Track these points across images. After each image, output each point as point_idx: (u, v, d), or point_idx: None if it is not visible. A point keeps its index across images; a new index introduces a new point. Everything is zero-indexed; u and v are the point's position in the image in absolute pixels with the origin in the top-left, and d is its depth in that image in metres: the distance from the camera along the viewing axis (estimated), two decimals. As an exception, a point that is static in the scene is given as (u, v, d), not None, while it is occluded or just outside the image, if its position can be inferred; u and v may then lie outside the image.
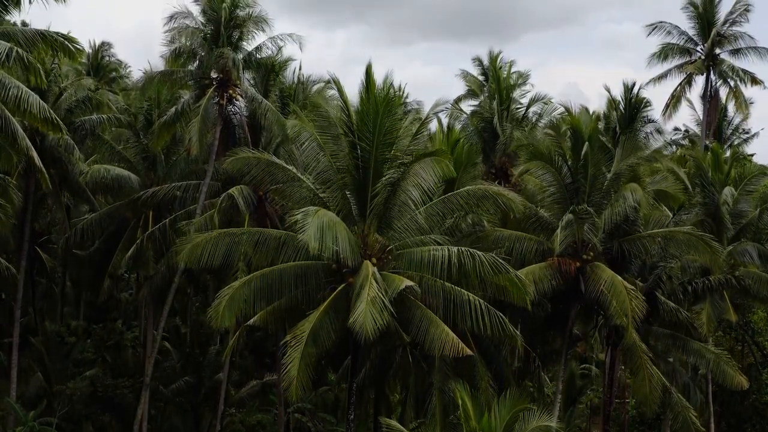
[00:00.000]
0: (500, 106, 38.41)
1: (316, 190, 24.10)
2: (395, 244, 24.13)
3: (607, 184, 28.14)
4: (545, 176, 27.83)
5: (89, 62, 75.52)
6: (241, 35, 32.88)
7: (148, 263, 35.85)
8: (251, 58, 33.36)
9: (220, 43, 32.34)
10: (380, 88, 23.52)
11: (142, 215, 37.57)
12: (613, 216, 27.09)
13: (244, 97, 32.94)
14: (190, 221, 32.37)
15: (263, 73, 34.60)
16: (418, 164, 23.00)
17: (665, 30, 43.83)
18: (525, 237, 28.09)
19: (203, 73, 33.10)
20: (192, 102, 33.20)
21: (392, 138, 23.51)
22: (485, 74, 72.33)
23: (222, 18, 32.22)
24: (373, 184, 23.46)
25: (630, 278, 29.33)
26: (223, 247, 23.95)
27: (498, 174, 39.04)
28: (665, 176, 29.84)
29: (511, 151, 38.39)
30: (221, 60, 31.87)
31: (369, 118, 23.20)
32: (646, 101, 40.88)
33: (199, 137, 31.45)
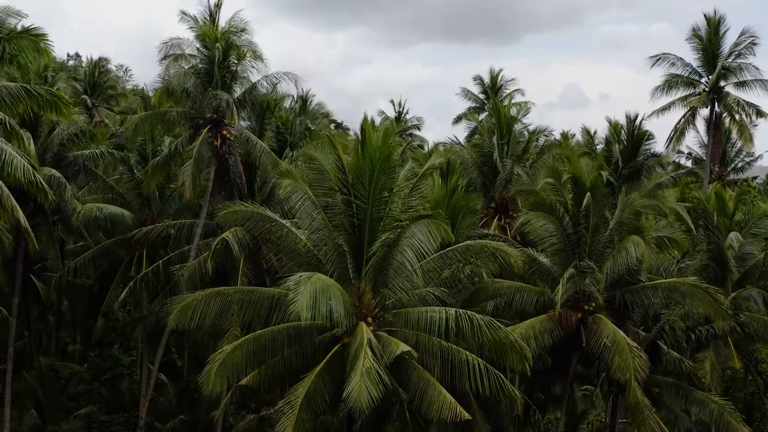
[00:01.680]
0: (500, 140, 37.67)
1: (311, 247, 23.53)
2: (391, 301, 23.59)
3: (609, 233, 27.51)
4: (546, 226, 27.20)
5: (86, 79, 75.23)
6: (235, 75, 32.21)
7: (142, 304, 35.23)
8: (246, 97, 32.70)
9: (214, 83, 31.68)
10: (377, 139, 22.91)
11: (136, 252, 36.96)
12: (615, 269, 26.50)
13: (238, 137, 32.25)
14: (184, 265, 31.77)
15: (258, 111, 33.96)
16: (414, 226, 22.37)
17: (669, 61, 43.07)
18: (525, 288, 27.50)
19: (197, 112, 32.46)
20: (185, 142, 32.57)
21: (388, 196, 22.92)
22: (486, 92, 72.07)
23: (216, 58, 31.56)
24: (368, 242, 22.94)
25: (632, 328, 28.77)
26: (214, 307, 23.36)
27: (498, 209, 38.35)
28: (669, 223, 29.15)
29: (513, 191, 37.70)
30: (215, 101, 31.23)
31: (365, 176, 22.60)
32: (648, 134, 40.39)
33: (192, 181, 30.82)
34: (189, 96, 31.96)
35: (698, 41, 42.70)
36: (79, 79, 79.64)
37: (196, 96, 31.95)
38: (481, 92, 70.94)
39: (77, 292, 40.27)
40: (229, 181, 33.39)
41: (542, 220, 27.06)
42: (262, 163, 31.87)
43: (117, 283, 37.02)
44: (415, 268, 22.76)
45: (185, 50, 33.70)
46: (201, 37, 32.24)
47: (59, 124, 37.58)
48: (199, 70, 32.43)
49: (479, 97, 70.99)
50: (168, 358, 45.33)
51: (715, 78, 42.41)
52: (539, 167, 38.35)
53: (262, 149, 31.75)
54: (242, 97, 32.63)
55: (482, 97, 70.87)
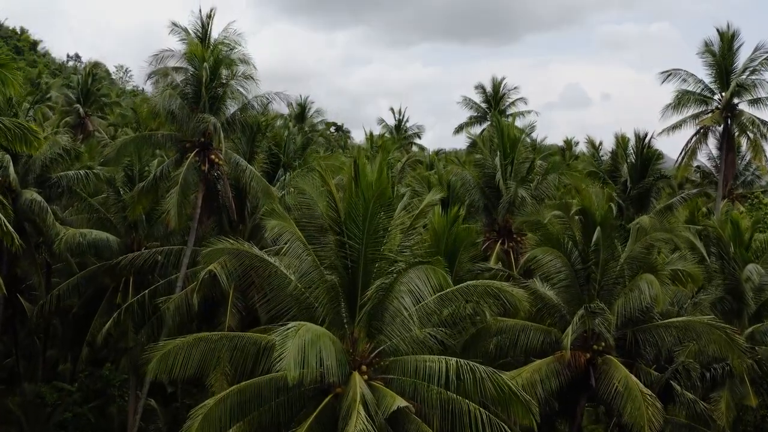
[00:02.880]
0: (504, 160, 35.98)
1: (303, 289, 21.87)
2: (387, 345, 21.94)
3: (620, 267, 25.86)
4: (554, 263, 25.54)
5: (79, 88, 73.73)
6: (223, 96, 30.50)
7: (127, 335, 33.58)
8: (235, 119, 31.00)
9: (201, 105, 30.00)
10: (371, 174, 21.22)
11: (122, 279, 35.32)
12: (627, 307, 24.85)
13: (227, 162, 30.57)
14: (170, 297, 30.12)
15: (249, 134, 32.29)
16: (412, 271, 20.69)
17: (680, 77, 41.18)
18: (531, 327, 25.83)
19: (184, 135, 30.80)
20: (172, 166, 30.91)
21: (384, 235, 21.26)
22: (488, 101, 70.41)
23: (203, 79, 29.87)
24: (363, 285, 21.33)
25: (644, 367, 27.13)
26: (197, 354, 21.66)
27: (501, 232, 36.69)
28: (682, 255, 27.45)
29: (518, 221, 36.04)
30: (202, 124, 29.56)
31: (358, 214, 20.96)
32: (658, 154, 38.69)
33: (177, 210, 29.17)
34: (175, 118, 30.28)
35: (711, 56, 40.66)
36: (72, 86, 78.38)
37: (182, 118, 30.28)
38: (483, 101, 69.32)
39: (64, 316, 38.60)
40: (218, 206, 31.76)
41: (550, 256, 25.40)
42: (252, 188, 30.19)
43: (102, 311, 35.43)
44: (411, 314, 21.06)
45: (176, 64, 32.13)
46: (188, 56, 30.53)
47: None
48: (186, 90, 30.75)
49: (481, 106, 69.37)
50: (159, 382, 43.77)
51: (729, 95, 40.52)
52: (545, 188, 36.68)
53: (251, 174, 30.07)
54: (231, 119, 30.94)
55: (484, 106, 69.25)
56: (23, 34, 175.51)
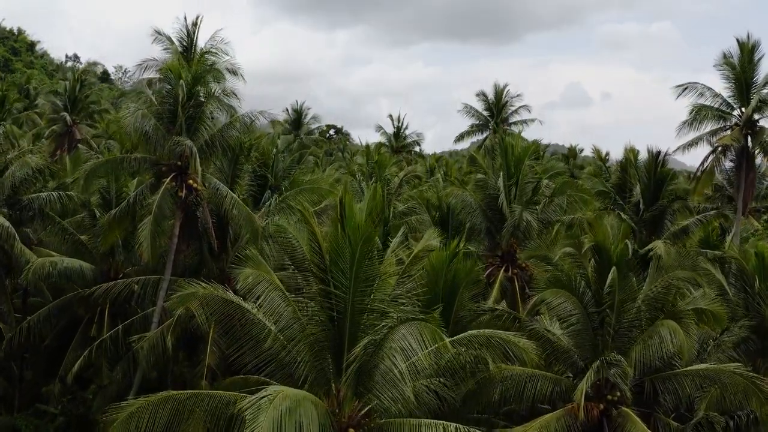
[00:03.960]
0: (508, 181, 33.49)
1: (285, 342, 19.39)
2: (376, 403, 19.46)
3: (636, 310, 23.37)
4: (565, 305, 23.03)
5: (66, 94, 71.23)
6: (202, 116, 27.97)
7: (101, 372, 31.11)
8: (215, 140, 28.44)
9: (178, 125, 27.50)
10: (360, 215, 18.73)
11: (98, 309, 32.85)
12: (646, 356, 22.38)
13: (207, 187, 28.07)
14: (144, 336, 27.65)
15: (231, 156, 29.78)
16: (404, 327, 18.19)
17: (697, 91, 38.51)
18: (538, 375, 23.31)
19: (159, 158, 28.31)
20: (147, 191, 28.42)
21: (373, 285, 18.79)
22: (490, 109, 67.93)
23: (180, 97, 27.37)
24: (350, 338, 18.87)
25: (663, 417, 24.62)
26: (164, 415, 19.19)
27: (504, 258, 34.22)
28: (705, 293, 24.95)
29: (521, 234, 33.62)
30: (177, 148, 27.08)
31: (345, 260, 18.48)
32: (672, 173, 36.14)
33: (150, 242, 26.67)
34: (149, 140, 27.77)
35: (729, 69, 37.83)
36: (60, 93, 75.88)
37: (156, 140, 27.78)
38: (485, 109, 66.82)
39: (35, 349, 36.07)
40: (198, 233, 29.26)
41: (560, 298, 22.89)
42: (234, 216, 27.70)
43: (77, 344, 32.94)
44: (404, 375, 18.54)
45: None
46: (163, 72, 28.03)
47: (12, 164, 33.58)
48: (162, 109, 28.27)
49: (482, 114, 66.88)
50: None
51: (750, 111, 37.78)
52: (552, 211, 34.22)
53: (232, 201, 27.55)
54: (211, 141, 28.40)
55: (486, 114, 66.77)
56: (20, 34, 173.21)
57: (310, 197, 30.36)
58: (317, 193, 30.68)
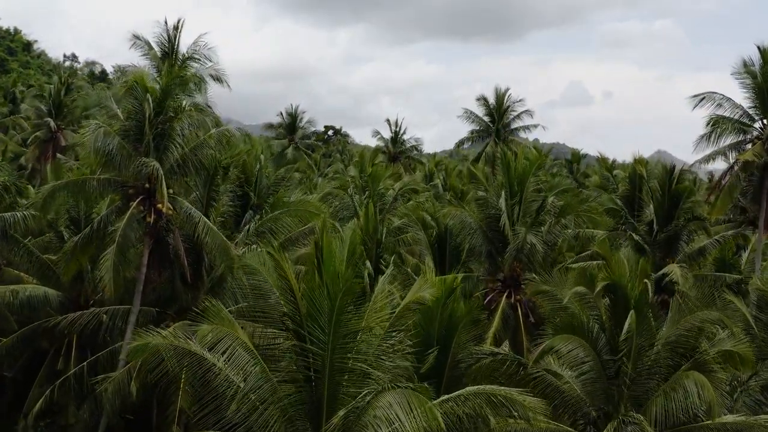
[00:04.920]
0: (510, 200, 30.78)
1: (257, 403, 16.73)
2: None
3: (656, 356, 20.71)
4: (576, 352, 20.39)
5: (50, 99, 68.65)
6: (172, 133, 25.26)
7: (68, 410, 28.48)
8: (187, 160, 25.70)
9: (144, 144, 24.83)
10: (339, 262, 16.05)
11: (65, 340, 30.24)
12: (668, 410, 19.71)
13: (178, 211, 25.39)
14: (108, 377, 25.03)
15: (205, 177, 27.08)
16: (390, 395, 15.51)
17: (714, 102, 35.73)
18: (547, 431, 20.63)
19: (125, 179, 25.64)
20: (113, 215, 25.77)
21: (355, 340, 16.16)
22: (491, 114, 65.18)
23: (146, 114, 24.68)
24: (329, 401, 16.32)
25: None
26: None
27: (507, 283, 31.54)
28: (732, 333, 22.25)
29: (524, 257, 30.95)
30: (143, 169, 24.43)
31: (322, 312, 15.86)
32: (689, 190, 33.42)
33: (113, 275, 24.00)
34: (113, 160, 25.09)
35: (750, 78, 34.95)
36: (45, 97, 73.25)
37: (121, 161, 25.11)
38: (486, 114, 64.05)
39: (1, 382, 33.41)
40: (169, 262, 26.61)
41: (571, 344, 20.22)
42: (206, 245, 25.03)
43: (42, 378, 30.28)
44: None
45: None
46: (128, 85, 25.36)
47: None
48: (128, 126, 25.61)
49: (483, 120, 64.12)
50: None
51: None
52: (558, 233, 31.55)
53: (206, 228, 24.85)
54: (182, 160, 25.68)
55: (487, 119, 64.01)
56: (16, 34, 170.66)
57: (293, 220, 27.70)
58: (301, 215, 28.04)
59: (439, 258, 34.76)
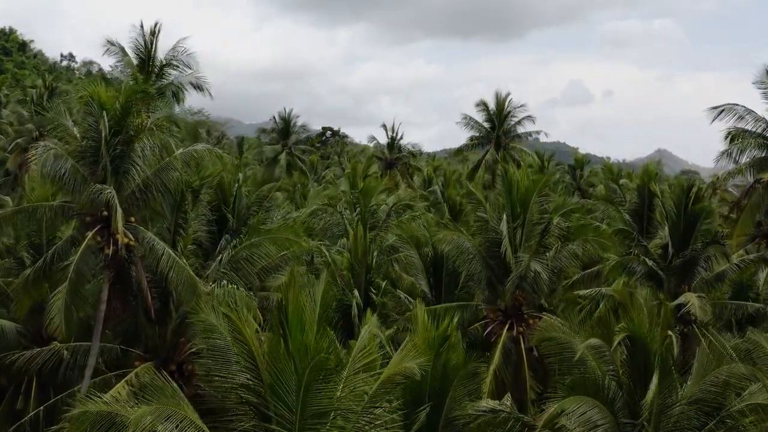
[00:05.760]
0: (512, 222, 28.06)
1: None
2: None
3: (679, 416, 18.05)
4: (590, 414, 17.71)
5: (32, 105, 66.04)
6: (132, 154, 22.50)
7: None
8: (149, 186, 22.94)
9: (101, 167, 22.13)
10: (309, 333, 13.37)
11: (25, 378, 27.64)
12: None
13: (140, 241, 22.68)
14: (62, 428, 22.31)
15: (172, 203, 24.34)
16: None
17: (735, 114, 32.97)
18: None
19: (80, 206, 22.91)
20: (69, 247, 23.08)
21: (327, 422, 13.48)
22: (491, 120, 62.44)
23: (103, 134, 21.96)
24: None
25: None
26: None
27: (508, 313, 28.83)
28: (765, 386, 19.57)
29: (528, 286, 28.29)
30: (99, 196, 21.72)
31: (289, 390, 13.19)
32: (707, 210, 30.66)
33: (65, 316, 21.34)
34: (66, 186, 22.40)
35: (771, 85, 32.38)
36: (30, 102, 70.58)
37: (75, 186, 22.41)
38: (486, 120, 61.28)
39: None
40: (133, 296, 23.95)
41: (585, 406, 17.55)
42: (171, 281, 22.33)
43: (1, 419, 27.71)
44: None
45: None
46: (83, 100, 22.63)
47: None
48: (85, 146, 22.90)
49: (483, 126, 61.36)
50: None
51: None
52: (565, 259, 28.82)
53: (170, 262, 22.13)
54: (145, 185, 22.95)
55: (487, 125, 61.24)
56: (12, 34, 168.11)
57: (271, 249, 24.97)
58: (280, 243, 25.32)
59: (435, 282, 32.11)
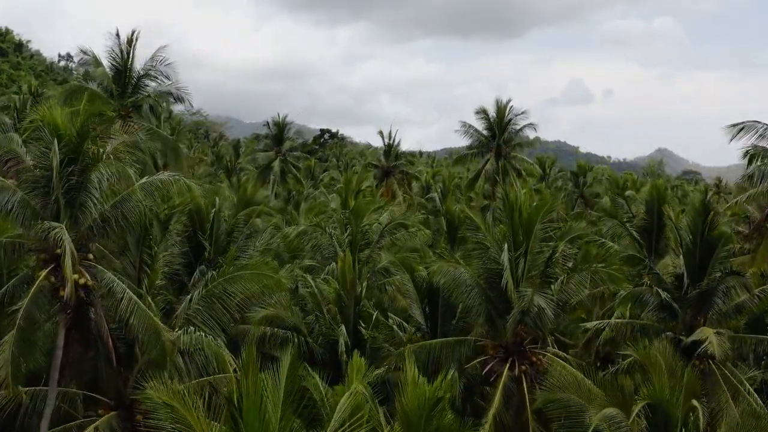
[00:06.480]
0: (514, 251, 25.70)
1: None
2: None
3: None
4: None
5: (15, 113, 63.88)
6: (88, 185, 20.13)
7: None
8: (108, 219, 20.55)
9: (53, 200, 19.78)
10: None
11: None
12: None
13: (99, 282, 20.32)
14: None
15: (137, 237, 21.96)
16: None
17: (756, 132, 30.45)
18: None
19: (32, 243, 20.57)
20: (21, 287, 20.73)
21: None
22: (491, 128, 60.07)
23: (54, 163, 19.61)
24: None
25: None
26: None
27: (509, 349, 26.48)
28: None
29: (531, 321, 25.95)
30: (47, 234, 19.37)
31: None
32: (725, 236, 28.27)
33: (12, 368, 18.99)
34: (15, 220, 20.07)
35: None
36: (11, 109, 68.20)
37: (25, 221, 20.08)
38: (486, 128, 58.88)
39: None
40: (92, 339, 21.60)
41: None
42: (133, 327, 19.97)
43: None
44: None
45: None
46: (35, 125, 20.27)
47: None
48: (38, 176, 20.55)
49: (483, 134, 58.96)
50: None
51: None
52: (572, 290, 26.48)
53: (132, 307, 19.78)
54: (103, 218, 20.59)
55: (486, 133, 58.84)
56: (8, 34, 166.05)
57: (246, 287, 22.58)
58: (256, 281, 22.91)
59: (431, 311, 29.76)
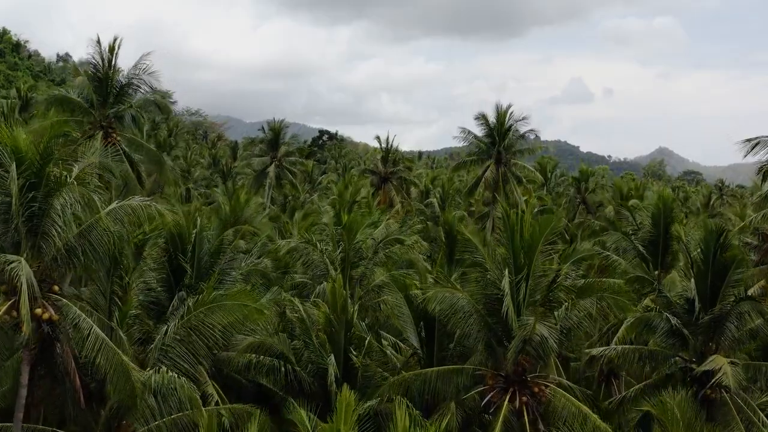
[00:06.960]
0: (516, 275, 24.11)
1: None
2: None
3: None
4: None
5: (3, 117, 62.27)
6: (51, 212, 18.53)
7: None
8: (73, 248, 18.97)
9: (13, 228, 18.20)
10: None
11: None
12: None
13: (65, 315, 18.74)
14: None
15: (109, 263, 20.34)
16: None
17: (770, 147, 29.06)
18: None
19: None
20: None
21: None
22: (491, 134, 58.46)
23: (13, 189, 18.03)
24: None
25: None
26: None
27: (510, 380, 24.89)
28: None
29: (533, 350, 24.36)
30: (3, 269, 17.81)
31: None
32: (737, 260, 26.63)
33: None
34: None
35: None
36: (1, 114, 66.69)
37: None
38: (486, 134, 57.25)
39: None
40: (61, 377, 19.99)
41: None
42: (100, 368, 18.36)
43: None
44: None
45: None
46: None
47: None
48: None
49: (483, 141, 57.33)
50: None
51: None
52: (576, 318, 24.89)
53: (99, 344, 18.20)
54: (68, 247, 19.00)
55: (487, 140, 57.21)
56: (5, 34, 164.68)
57: (226, 317, 20.96)
58: (237, 311, 21.25)
59: (427, 335, 28.14)
